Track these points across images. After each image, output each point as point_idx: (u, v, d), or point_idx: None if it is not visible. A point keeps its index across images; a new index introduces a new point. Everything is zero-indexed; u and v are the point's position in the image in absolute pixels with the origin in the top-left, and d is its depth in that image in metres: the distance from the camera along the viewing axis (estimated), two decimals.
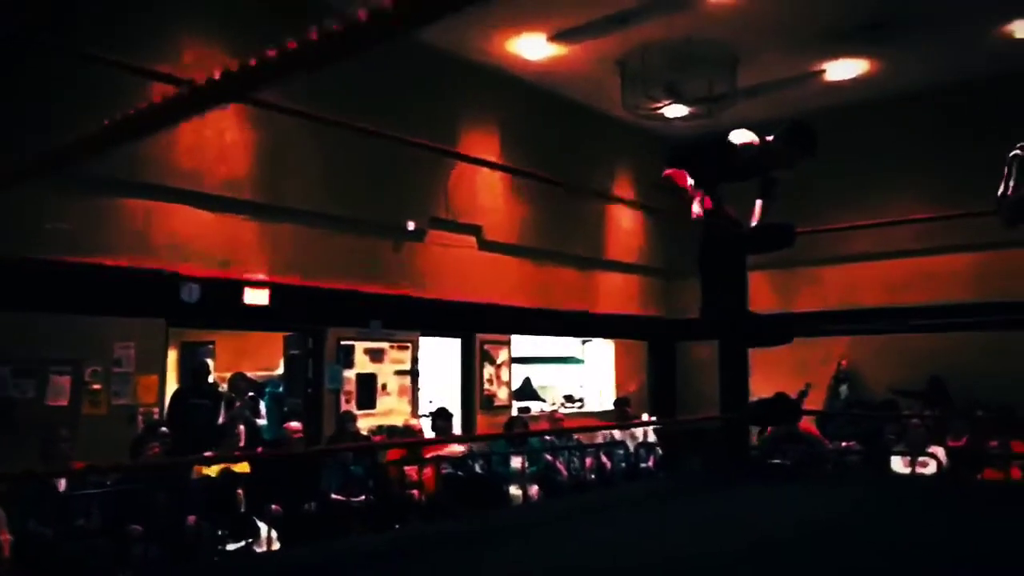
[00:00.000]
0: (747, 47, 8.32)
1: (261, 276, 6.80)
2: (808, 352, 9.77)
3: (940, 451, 6.88)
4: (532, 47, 8.42)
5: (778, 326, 4.18)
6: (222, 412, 6.87)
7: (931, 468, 6.64)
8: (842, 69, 9.02)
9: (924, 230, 8.99)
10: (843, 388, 10.09)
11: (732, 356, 4.25)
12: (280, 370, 8.55)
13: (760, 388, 7.56)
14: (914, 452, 6.87)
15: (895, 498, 3.71)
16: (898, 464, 7.01)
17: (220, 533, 5.38)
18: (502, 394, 9.28)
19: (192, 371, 7.23)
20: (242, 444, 6.42)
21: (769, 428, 6.93)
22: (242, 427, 6.56)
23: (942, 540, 2.49)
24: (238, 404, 7.23)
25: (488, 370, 9.16)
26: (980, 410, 8.03)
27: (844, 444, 7.90)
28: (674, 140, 10.82)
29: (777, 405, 4.28)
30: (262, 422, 8.13)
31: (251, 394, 8.03)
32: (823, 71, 9.05)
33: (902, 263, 9.62)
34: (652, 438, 9.14)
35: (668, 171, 4.01)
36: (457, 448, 7.15)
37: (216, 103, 1.31)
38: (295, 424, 6.35)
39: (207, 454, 5.87)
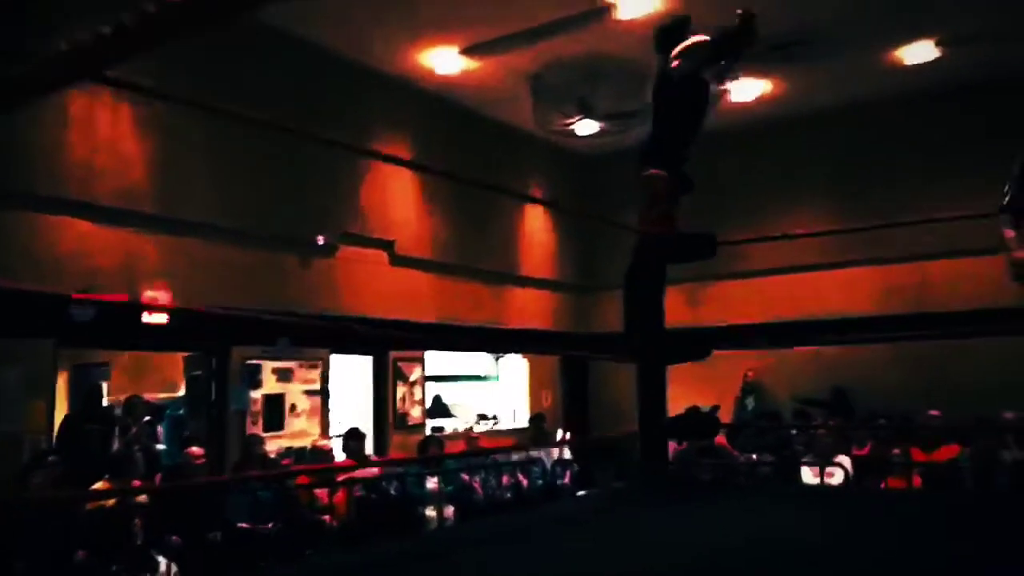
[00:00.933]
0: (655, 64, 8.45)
1: (160, 293, 6.44)
2: (715, 364, 9.96)
3: (846, 460, 7.06)
4: (444, 60, 8.34)
5: (697, 342, 4.17)
6: (116, 438, 6.45)
7: (838, 477, 6.80)
8: (746, 89, 9.25)
9: (827, 245, 9.34)
10: (750, 400, 10.31)
11: (651, 372, 4.22)
12: (182, 392, 8.14)
13: (670, 403, 7.66)
14: (822, 462, 7.04)
15: (813, 508, 3.74)
16: (807, 474, 7.16)
17: (114, 569, 5.01)
18: (416, 412, 9.09)
19: (84, 395, 6.78)
20: (140, 472, 6.03)
21: (685, 443, 6.97)
22: (139, 453, 6.17)
23: (885, 552, 2.49)
24: (134, 429, 6.81)
25: (401, 388, 8.96)
26: (882, 419, 8.31)
27: (755, 456, 8.04)
28: (584, 157, 11.21)
29: (696, 419, 4.28)
30: (161, 447, 7.70)
31: (148, 418, 7.60)
32: (726, 91, 9.27)
33: (807, 277, 9.93)
34: (568, 455, 9.11)
35: (653, 171, 3.90)
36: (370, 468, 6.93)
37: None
38: (196, 449, 6.01)
39: (99, 484, 5.48)
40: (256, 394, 7.39)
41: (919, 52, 8.43)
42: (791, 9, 7.50)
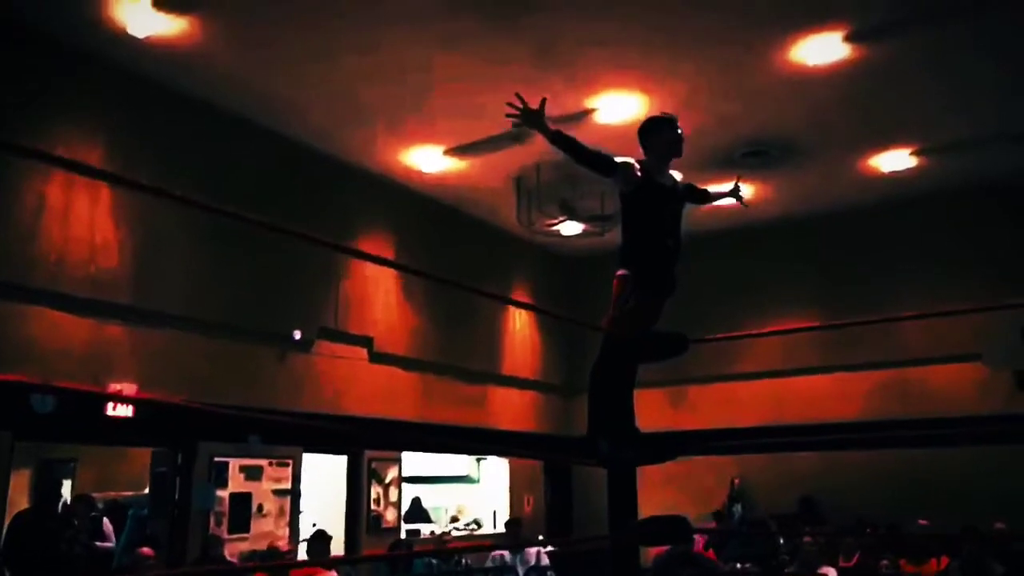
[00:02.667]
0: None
1: (127, 386, 6.31)
2: (698, 471, 9.79)
3: (832, 572, 6.79)
4: (428, 159, 8.44)
5: (664, 444, 4.07)
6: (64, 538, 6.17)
7: None
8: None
9: (811, 349, 9.30)
10: (737, 507, 10.05)
11: (619, 476, 4.09)
12: (148, 489, 7.87)
13: (654, 509, 7.42)
14: (808, 572, 6.76)
15: None
16: None
17: None
18: (390, 515, 8.79)
19: (40, 491, 6.53)
20: (79, 572, 5.73)
21: (663, 549, 6.71)
22: (81, 552, 5.88)
23: None
24: (77, 527, 6.52)
25: (376, 489, 8.69)
26: (868, 528, 8.06)
27: (740, 565, 7.73)
28: (568, 257, 11.28)
29: (666, 523, 4.13)
30: (109, 545, 7.37)
31: (93, 514, 7.30)
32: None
33: (792, 381, 9.87)
34: (545, 561, 8.76)
35: (621, 271, 3.99)
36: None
37: None
38: (147, 550, 5.73)
39: None
40: (222, 493, 7.14)
41: (895, 160, 8.57)
42: (766, 116, 7.68)
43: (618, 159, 3.99)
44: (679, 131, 4.17)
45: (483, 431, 9.78)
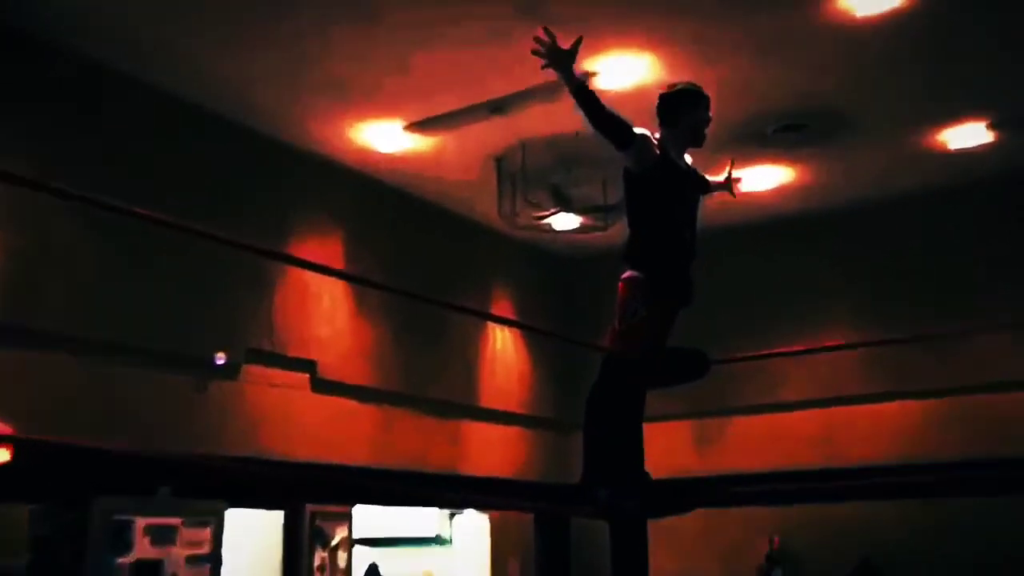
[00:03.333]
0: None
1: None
2: (725, 524, 9.77)
3: None
4: (385, 137, 8.41)
5: (678, 491, 4.14)
6: None
7: None
8: (760, 177, 9.41)
9: (864, 371, 9.31)
10: (777, 572, 10.06)
11: (624, 529, 4.15)
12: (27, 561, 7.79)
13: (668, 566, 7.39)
14: None
15: None
16: None
17: None
18: None
19: None
20: None
21: None
22: None
23: None
24: None
25: (320, 555, 8.64)
26: None
27: None
28: (562, 259, 11.25)
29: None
30: None
31: None
32: (738, 179, 9.40)
33: (842, 412, 9.90)
34: None
35: (626, 274, 4.13)
36: None
37: None
38: None
39: None
40: (124, 561, 7.09)
41: (968, 135, 8.64)
42: (804, 81, 7.70)
43: (636, 130, 4.12)
44: (711, 114, 4.35)
45: (457, 478, 9.74)
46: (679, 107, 4.35)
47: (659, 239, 4.23)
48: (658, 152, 4.19)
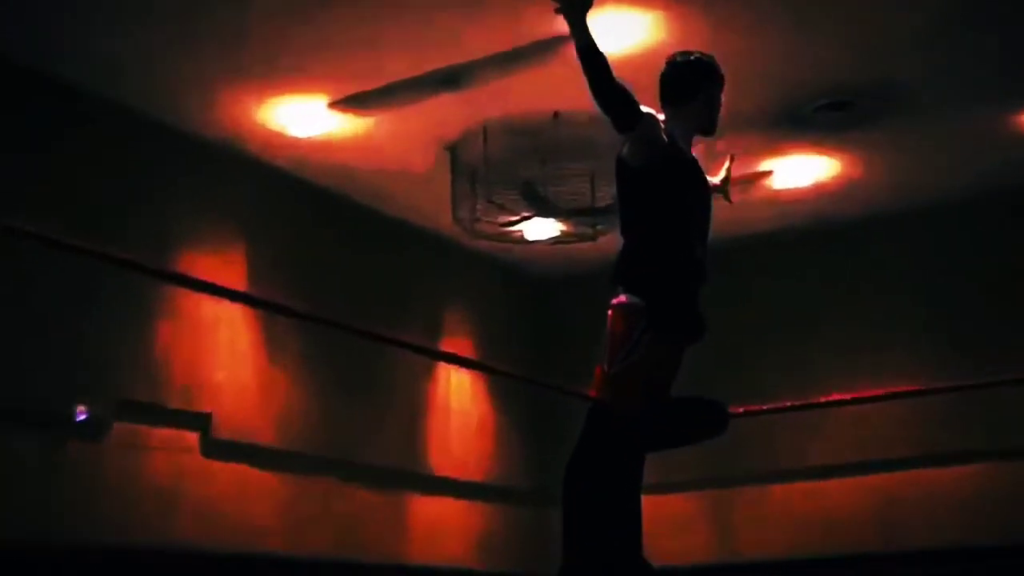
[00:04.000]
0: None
1: None
2: None
3: None
4: (303, 118, 8.33)
5: None
6: None
7: None
8: (793, 171, 9.40)
9: (925, 426, 9.26)
10: None
11: None
12: None
13: None
14: None
15: None
16: None
17: None
18: None
19: None
20: None
21: None
22: None
23: None
24: None
25: None
26: None
27: None
28: (538, 279, 11.18)
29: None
30: None
31: None
32: (769, 172, 9.42)
33: (895, 480, 9.87)
34: None
35: (619, 299, 4.25)
36: None
37: None
38: None
39: None
40: None
41: None
42: (852, 47, 7.69)
43: (642, 108, 4.23)
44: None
45: (400, 569, 9.69)
46: (697, 81, 4.52)
47: (663, 254, 4.32)
48: (666, 138, 4.31)
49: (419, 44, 7.44)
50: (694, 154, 4.59)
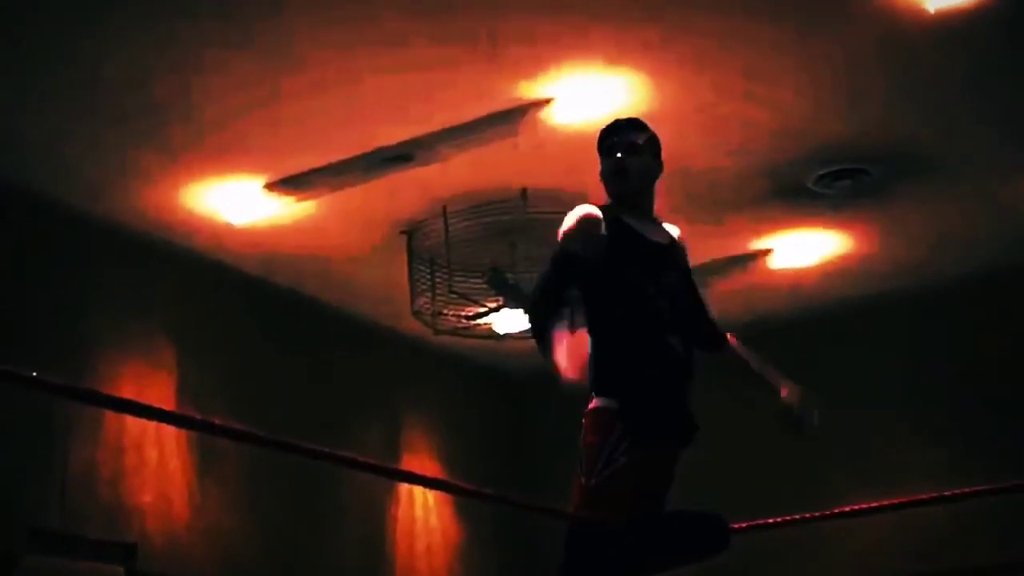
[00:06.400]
0: None
1: None
2: None
3: None
4: (237, 202, 8.31)
5: None
6: None
7: None
8: (797, 247, 9.43)
9: (971, 533, 9.19)
10: None
11: None
12: None
13: None
14: None
15: None
16: None
17: None
18: None
19: None
20: None
21: None
22: None
23: None
24: None
25: None
26: None
27: None
28: (509, 378, 11.14)
29: None
30: None
31: None
32: (768, 251, 9.44)
33: None
34: None
35: (596, 403, 4.30)
36: None
37: None
38: None
39: None
40: None
41: None
42: (859, 107, 7.74)
43: (570, 218, 4.40)
44: (615, 140, 4.51)
45: None
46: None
47: (631, 351, 4.34)
48: (603, 230, 4.38)
49: (368, 116, 7.50)
50: (673, 232, 4.65)
